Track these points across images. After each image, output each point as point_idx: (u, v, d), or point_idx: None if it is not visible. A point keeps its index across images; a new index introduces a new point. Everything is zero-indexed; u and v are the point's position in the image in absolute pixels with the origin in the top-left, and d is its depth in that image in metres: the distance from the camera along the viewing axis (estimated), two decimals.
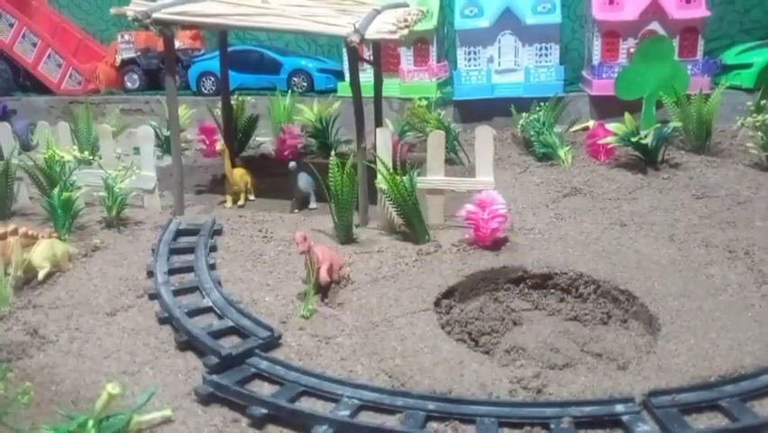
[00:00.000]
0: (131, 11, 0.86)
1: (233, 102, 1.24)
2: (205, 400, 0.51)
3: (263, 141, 1.41)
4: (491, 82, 1.42)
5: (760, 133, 1.02)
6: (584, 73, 1.48)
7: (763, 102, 1.04)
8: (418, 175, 0.82)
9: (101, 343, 0.65)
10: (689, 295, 0.62)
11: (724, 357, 0.51)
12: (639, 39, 1.34)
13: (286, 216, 0.95)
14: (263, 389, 0.51)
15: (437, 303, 0.69)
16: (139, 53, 1.79)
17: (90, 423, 0.44)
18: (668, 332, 0.55)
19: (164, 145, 1.31)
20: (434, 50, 1.48)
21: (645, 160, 1.07)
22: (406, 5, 1.04)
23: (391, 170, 0.79)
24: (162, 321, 0.80)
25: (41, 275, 0.94)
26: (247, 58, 1.65)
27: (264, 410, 0.46)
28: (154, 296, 0.87)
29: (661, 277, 0.66)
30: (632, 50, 1.33)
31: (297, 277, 0.87)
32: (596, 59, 1.38)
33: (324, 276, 0.85)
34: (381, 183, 0.81)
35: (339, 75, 1.60)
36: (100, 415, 0.44)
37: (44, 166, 1.16)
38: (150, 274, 0.92)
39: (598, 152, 1.11)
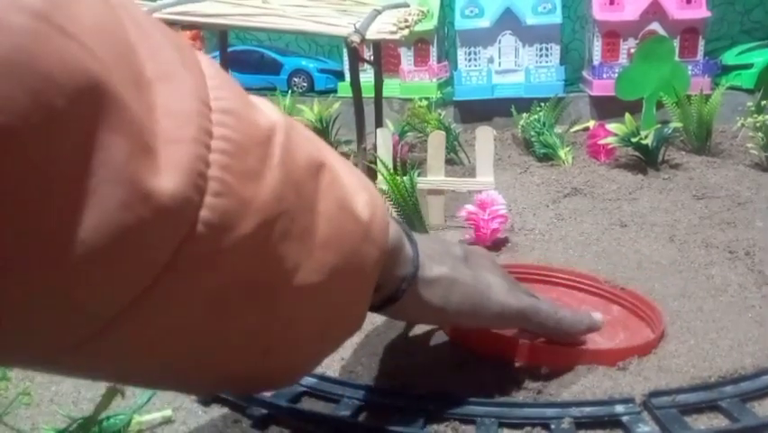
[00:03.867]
0: None
1: None
2: (206, 400, 0.51)
3: None
4: (492, 82, 1.42)
5: (760, 134, 1.02)
6: (584, 73, 1.48)
7: (763, 103, 1.04)
8: (419, 175, 0.81)
9: None
10: (689, 296, 0.62)
11: (724, 358, 0.51)
12: (640, 39, 1.33)
13: None
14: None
15: None
16: None
17: (91, 423, 0.44)
18: (668, 332, 0.55)
19: None
20: (434, 51, 1.47)
21: (646, 160, 1.06)
22: (407, 6, 1.04)
23: (391, 171, 0.79)
24: None
25: None
26: (247, 58, 1.65)
27: (264, 411, 0.46)
28: None
29: (661, 277, 0.66)
30: (632, 50, 1.33)
31: None
32: (596, 59, 1.38)
33: None
34: (382, 183, 0.81)
35: (339, 75, 1.59)
36: (100, 415, 0.44)
37: None
38: None
39: (598, 153, 1.11)
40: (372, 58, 1.16)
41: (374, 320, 0.62)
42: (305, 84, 1.62)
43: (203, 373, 0.30)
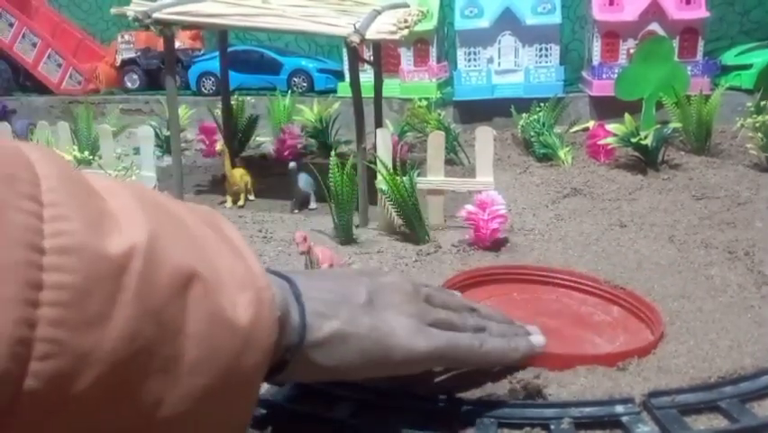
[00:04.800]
0: (131, 11, 0.86)
1: (232, 102, 1.24)
2: None
3: (263, 141, 1.41)
4: (491, 83, 1.42)
5: (760, 134, 1.02)
6: (584, 74, 1.48)
7: (762, 103, 1.04)
8: (418, 175, 0.81)
9: None
10: (688, 296, 0.62)
11: (723, 358, 0.51)
12: (639, 39, 1.34)
13: (286, 217, 0.95)
14: (263, 389, 0.51)
15: None
16: (139, 53, 1.79)
17: None
18: (668, 333, 0.55)
19: (164, 145, 1.31)
20: (434, 51, 1.47)
21: (645, 160, 1.06)
22: (407, 6, 1.04)
23: (391, 171, 0.79)
24: None
25: None
26: (247, 58, 1.65)
27: (264, 411, 0.46)
28: None
29: (660, 278, 0.66)
30: (632, 50, 1.33)
31: None
32: (596, 59, 1.38)
33: None
34: (381, 183, 0.81)
35: (339, 75, 1.59)
36: None
37: None
38: None
39: (598, 153, 1.11)
40: (372, 58, 1.16)
41: None
42: (304, 84, 1.62)
43: None
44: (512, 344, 0.45)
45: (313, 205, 0.98)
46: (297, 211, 0.97)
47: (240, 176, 1.01)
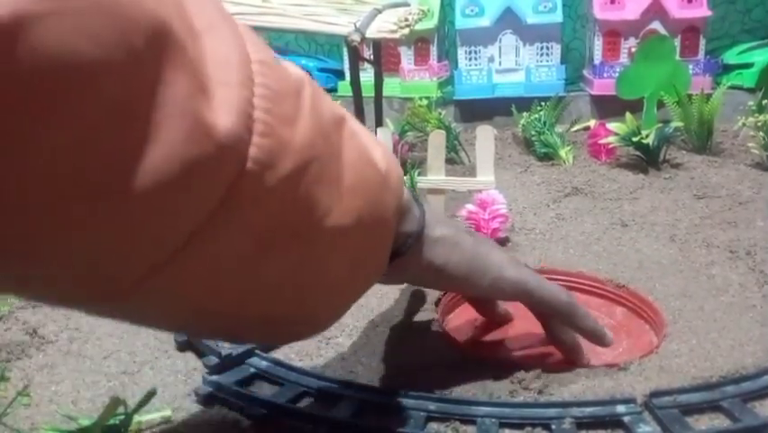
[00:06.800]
0: None
1: None
2: (205, 400, 0.50)
3: None
4: (492, 82, 1.42)
5: (761, 133, 1.01)
6: (585, 72, 1.47)
7: (764, 102, 1.04)
8: (419, 175, 0.81)
9: (100, 343, 0.64)
10: (690, 295, 0.62)
11: (725, 358, 0.50)
12: (640, 38, 1.33)
13: None
14: (263, 389, 0.51)
15: (438, 303, 0.68)
16: None
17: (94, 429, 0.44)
18: (669, 332, 0.55)
19: None
20: (434, 50, 1.47)
21: (647, 159, 1.06)
22: (407, 5, 1.04)
23: None
24: None
25: None
26: None
27: (264, 411, 0.46)
28: None
29: (662, 277, 0.66)
30: (633, 49, 1.32)
31: None
32: (597, 58, 1.37)
33: None
34: None
35: (339, 74, 1.59)
36: (105, 421, 0.43)
37: None
38: None
39: (599, 152, 1.11)
40: (372, 57, 1.16)
41: (374, 320, 0.62)
42: None
43: (247, 311, 0.31)
44: (591, 315, 0.49)
45: None
46: None
47: None
